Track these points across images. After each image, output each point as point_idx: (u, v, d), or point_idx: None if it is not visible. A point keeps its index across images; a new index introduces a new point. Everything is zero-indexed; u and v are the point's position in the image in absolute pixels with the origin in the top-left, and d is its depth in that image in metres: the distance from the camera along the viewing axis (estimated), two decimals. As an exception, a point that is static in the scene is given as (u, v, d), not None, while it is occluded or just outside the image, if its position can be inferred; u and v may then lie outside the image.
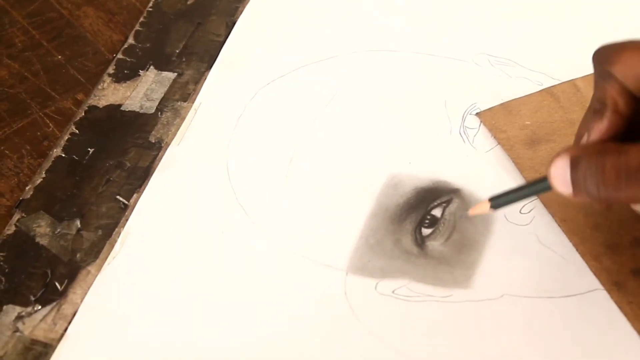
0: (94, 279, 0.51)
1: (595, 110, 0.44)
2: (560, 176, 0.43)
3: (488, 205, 0.47)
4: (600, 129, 0.44)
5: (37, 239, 0.53)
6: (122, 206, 0.54)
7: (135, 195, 0.55)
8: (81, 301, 0.50)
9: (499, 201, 0.47)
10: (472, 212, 0.48)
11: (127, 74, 0.61)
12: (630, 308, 0.46)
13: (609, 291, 0.47)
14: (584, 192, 0.42)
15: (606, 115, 0.44)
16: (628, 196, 0.42)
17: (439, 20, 0.61)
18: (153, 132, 0.58)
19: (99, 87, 0.60)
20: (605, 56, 0.44)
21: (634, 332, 0.46)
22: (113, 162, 0.56)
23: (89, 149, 0.57)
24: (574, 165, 0.42)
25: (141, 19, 0.64)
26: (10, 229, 0.54)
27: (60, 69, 0.62)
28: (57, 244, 0.53)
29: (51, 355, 0.48)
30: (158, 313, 0.49)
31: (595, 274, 0.47)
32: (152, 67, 0.61)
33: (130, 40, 0.63)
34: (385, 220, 0.51)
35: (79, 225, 0.54)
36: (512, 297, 0.48)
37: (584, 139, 0.45)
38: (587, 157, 0.42)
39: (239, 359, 0.47)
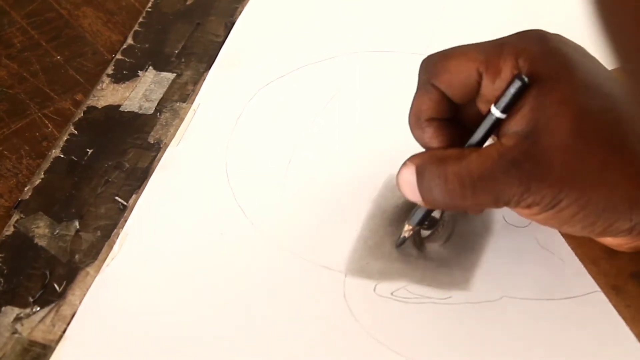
0: (93, 280, 0.51)
1: (416, 120, 0.44)
2: (409, 185, 0.42)
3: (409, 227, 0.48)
4: (423, 138, 0.44)
5: (36, 240, 0.53)
6: (121, 207, 0.54)
7: (134, 196, 0.55)
8: (80, 302, 0.50)
9: (415, 219, 0.48)
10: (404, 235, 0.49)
11: (126, 74, 0.61)
12: (628, 311, 0.46)
13: (607, 295, 0.47)
14: (432, 201, 0.42)
15: (425, 125, 0.44)
16: (476, 204, 0.41)
17: (438, 22, 0.61)
18: (152, 133, 0.57)
19: (98, 87, 0.60)
20: (431, 66, 0.44)
21: (631, 335, 0.46)
22: (112, 162, 0.56)
23: (88, 150, 0.57)
24: (420, 175, 0.42)
25: (140, 20, 0.64)
26: (8, 230, 0.54)
27: (59, 69, 0.62)
28: (55, 245, 0.53)
29: (50, 356, 0.48)
30: (157, 314, 0.49)
31: (593, 277, 0.47)
32: (151, 67, 0.61)
33: (129, 41, 0.63)
34: (384, 222, 0.51)
35: (78, 226, 0.54)
36: (511, 299, 0.48)
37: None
38: (429, 165, 0.42)
39: (238, 361, 0.47)
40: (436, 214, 0.51)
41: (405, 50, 0.60)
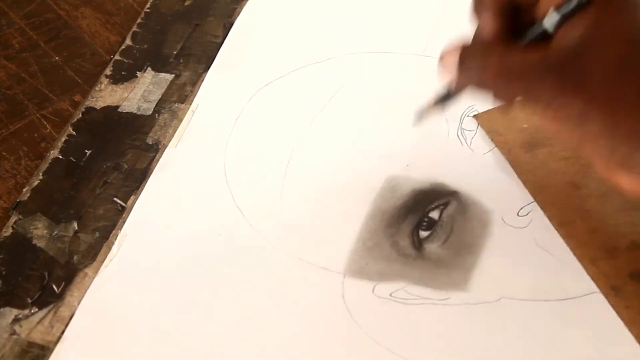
0: (91, 282, 0.51)
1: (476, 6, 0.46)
2: (450, 64, 0.44)
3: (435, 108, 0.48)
4: (482, 15, 0.45)
5: (34, 241, 0.53)
6: (120, 208, 0.54)
7: (132, 197, 0.55)
8: (78, 304, 0.50)
9: (442, 102, 0.48)
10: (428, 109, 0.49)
11: (124, 75, 0.61)
12: (627, 312, 0.46)
13: (606, 295, 0.47)
14: (467, 82, 0.44)
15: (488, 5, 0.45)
16: (506, 94, 0.43)
17: (436, 23, 0.61)
18: (150, 134, 0.57)
19: (97, 88, 0.60)
20: None
21: (630, 336, 0.46)
22: (110, 164, 0.56)
23: (86, 151, 0.57)
24: (462, 58, 0.44)
25: (139, 20, 0.64)
26: (7, 231, 0.54)
27: (57, 70, 0.62)
28: (54, 246, 0.53)
29: (48, 358, 0.48)
30: (155, 315, 0.49)
31: (592, 278, 0.47)
32: (149, 68, 0.61)
33: (128, 42, 0.63)
34: (382, 223, 0.51)
35: (76, 227, 0.53)
36: (510, 300, 0.48)
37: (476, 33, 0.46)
38: (474, 52, 0.44)
39: (236, 362, 0.47)
40: (434, 214, 0.51)
41: (404, 51, 0.60)
